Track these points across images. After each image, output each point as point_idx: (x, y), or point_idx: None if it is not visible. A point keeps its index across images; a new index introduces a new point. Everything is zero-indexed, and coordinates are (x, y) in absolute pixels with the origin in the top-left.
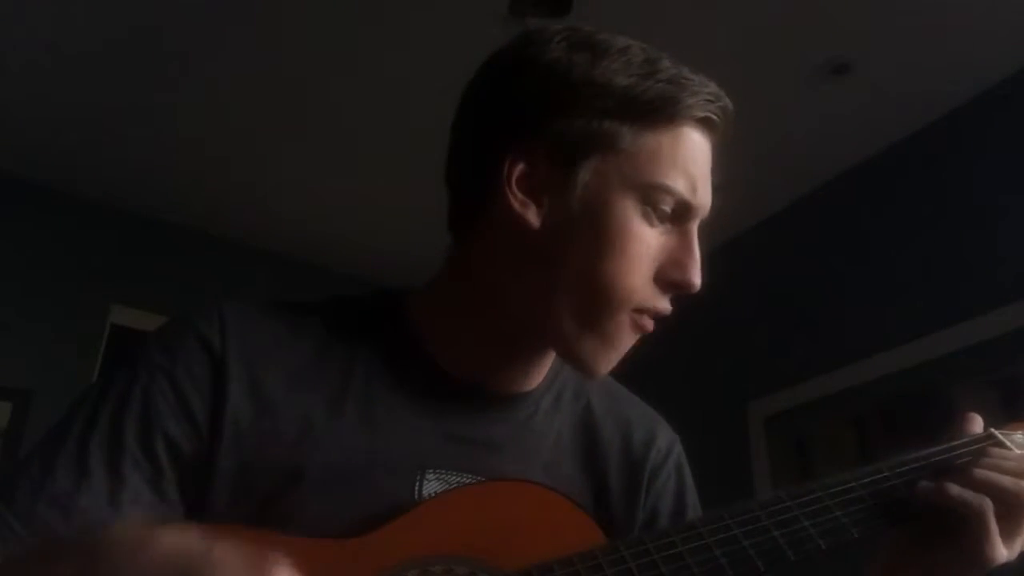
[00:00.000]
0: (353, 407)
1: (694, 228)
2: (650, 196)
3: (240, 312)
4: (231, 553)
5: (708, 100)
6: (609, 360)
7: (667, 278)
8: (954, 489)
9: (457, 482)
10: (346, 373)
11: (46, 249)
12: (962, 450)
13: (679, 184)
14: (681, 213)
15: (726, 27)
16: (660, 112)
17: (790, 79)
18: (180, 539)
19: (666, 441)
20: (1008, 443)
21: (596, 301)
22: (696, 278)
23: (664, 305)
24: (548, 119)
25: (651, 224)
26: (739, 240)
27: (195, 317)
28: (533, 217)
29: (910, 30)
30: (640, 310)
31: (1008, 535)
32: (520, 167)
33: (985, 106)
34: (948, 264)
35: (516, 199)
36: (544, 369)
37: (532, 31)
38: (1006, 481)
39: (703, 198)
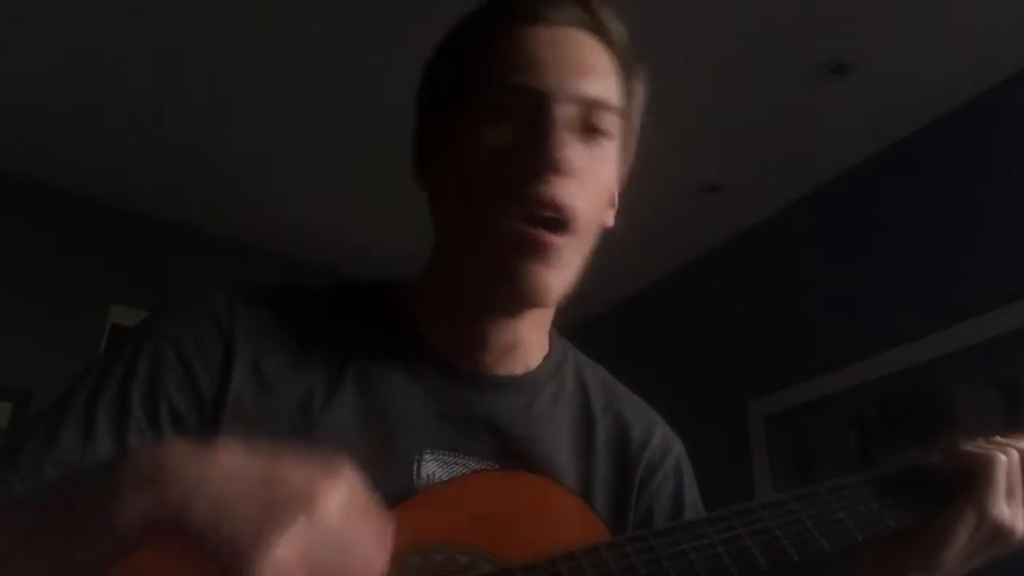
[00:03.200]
0: (351, 389)
1: (551, 111)
2: (486, 97)
3: (246, 294)
4: (299, 459)
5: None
6: (538, 274)
7: (526, 161)
8: (960, 447)
9: (454, 462)
10: (345, 356)
11: (46, 249)
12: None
13: (510, 76)
14: (528, 103)
15: (726, 27)
16: (483, 37)
17: (790, 79)
18: (247, 451)
19: (664, 443)
20: None
21: (477, 217)
22: (548, 150)
23: (540, 190)
24: (432, 92)
25: (499, 125)
26: (739, 239)
27: (204, 295)
28: (446, 173)
29: (910, 30)
30: (521, 205)
31: (1011, 497)
32: (436, 137)
33: (985, 106)
34: (948, 264)
35: (438, 163)
36: (535, 347)
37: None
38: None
39: (546, 80)
